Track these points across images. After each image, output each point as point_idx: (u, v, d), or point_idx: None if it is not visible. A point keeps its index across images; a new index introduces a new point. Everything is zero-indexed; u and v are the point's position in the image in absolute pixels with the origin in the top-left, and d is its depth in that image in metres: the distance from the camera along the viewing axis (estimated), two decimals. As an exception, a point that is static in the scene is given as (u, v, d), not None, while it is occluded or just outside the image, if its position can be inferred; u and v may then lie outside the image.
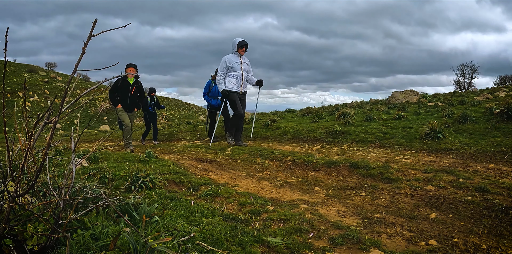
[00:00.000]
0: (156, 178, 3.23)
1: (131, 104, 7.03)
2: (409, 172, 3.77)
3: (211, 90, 7.95)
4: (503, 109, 5.67)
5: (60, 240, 1.56)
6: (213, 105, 8.01)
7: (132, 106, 7.10)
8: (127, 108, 7.02)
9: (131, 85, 6.90)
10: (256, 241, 2.06)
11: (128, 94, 6.92)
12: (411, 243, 2.25)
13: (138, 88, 7.08)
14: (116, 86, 6.93)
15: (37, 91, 37.30)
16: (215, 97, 7.99)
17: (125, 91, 6.90)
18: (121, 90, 6.88)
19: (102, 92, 29.01)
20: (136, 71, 6.98)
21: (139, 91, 7.18)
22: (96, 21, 1.29)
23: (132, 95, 6.96)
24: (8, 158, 1.46)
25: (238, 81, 6.66)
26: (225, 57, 6.64)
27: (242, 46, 6.59)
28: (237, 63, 6.61)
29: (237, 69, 6.61)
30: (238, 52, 6.62)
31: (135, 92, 7.00)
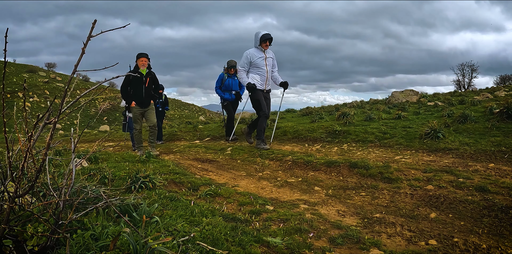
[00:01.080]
0: (156, 178, 3.23)
1: (146, 97, 6.34)
2: (409, 171, 3.77)
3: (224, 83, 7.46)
4: (503, 108, 5.67)
5: (60, 240, 1.56)
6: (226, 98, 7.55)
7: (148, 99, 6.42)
8: (143, 102, 6.32)
9: (144, 76, 6.23)
10: (256, 241, 2.06)
11: (142, 86, 6.24)
12: (411, 243, 2.25)
13: (152, 79, 6.41)
14: (128, 80, 6.26)
15: (37, 92, 37.29)
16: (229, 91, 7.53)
17: (138, 84, 6.23)
18: (134, 84, 6.23)
19: (102, 92, 29.01)
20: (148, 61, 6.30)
21: (154, 82, 6.51)
22: (96, 22, 1.29)
23: (147, 87, 6.27)
24: (8, 159, 1.46)
25: (262, 78, 6.06)
26: (247, 52, 6.04)
27: (266, 40, 5.94)
28: (261, 58, 6.00)
29: (261, 65, 6.02)
30: (262, 47, 5.98)
31: (149, 83, 6.32)
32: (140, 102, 6.31)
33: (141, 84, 6.25)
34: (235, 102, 7.72)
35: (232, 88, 7.51)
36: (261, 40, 5.94)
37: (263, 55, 6.03)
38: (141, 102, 6.32)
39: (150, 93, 6.43)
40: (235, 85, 7.53)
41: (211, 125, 10.77)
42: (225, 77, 7.43)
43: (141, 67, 6.16)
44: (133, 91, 6.27)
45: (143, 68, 6.19)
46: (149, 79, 6.30)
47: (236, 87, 7.55)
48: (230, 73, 7.45)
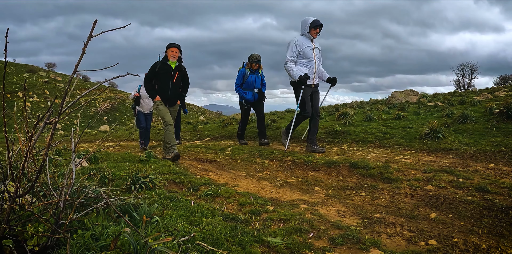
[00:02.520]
0: (156, 178, 3.24)
1: (173, 95, 5.45)
2: (409, 172, 3.77)
3: (245, 80, 6.46)
4: (502, 109, 5.67)
5: (60, 240, 1.56)
6: (248, 100, 6.53)
7: (175, 98, 5.51)
8: (168, 100, 5.43)
9: (173, 70, 5.33)
10: (256, 241, 2.06)
11: (169, 81, 5.33)
12: (411, 243, 2.25)
13: (182, 74, 5.48)
14: (153, 72, 5.33)
15: (37, 92, 37.30)
16: (251, 89, 6.53)
17: (165, 78, 5.33)
18: (160, 77, 5.35)
19: (102, 92, 29.06)
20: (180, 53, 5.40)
21: (183, 78, 5.58)
22: (96, 22, 1.29)
23: (174, 83, 5.36)
24: (8, 159, 1.47)
25: (310, 71, 5.28)
26: (295, 39, 5.24)
27: (316, 26, 5.21)
28: (309, 47, 5.24)
29: (309, 55, 5.25)
30: (310, 34, 5.24)
31: (178, 79, 5.41)
32: (165, 100, 5.41)
33: (168, 79, 5.34)
34: (259, 101, 6.72)
35: (255, 85, 6.59)
36: (311, 26, 5.19)
37: (311, 44, 5.28)
38: (167, 99, 5.41)
39: (177, 91, 5.52)
40: (258, 83, 6.62)
41: (211, 125, 10.77)
42: (247, 73, 6.44)
43: (170, 58, 5.28)
44: (158, 86, 5.37)
45: (173, 60, 5.30)
46: (178, 74, 5.40)
47: (259, 84, 6.64)
48: (253, 69, 6.50)
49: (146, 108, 7.98)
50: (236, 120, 10.75)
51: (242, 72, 6.49)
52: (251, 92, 6.52)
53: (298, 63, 5.30)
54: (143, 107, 7.93)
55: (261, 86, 6.66)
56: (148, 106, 8.02)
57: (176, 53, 5.33)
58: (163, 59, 5.36)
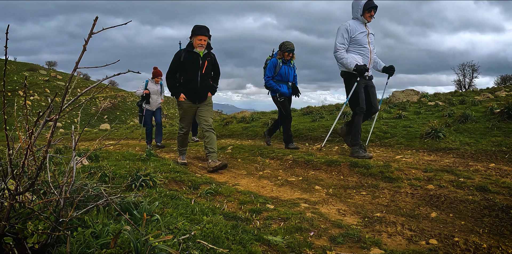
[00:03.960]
0: (157, 177, 3.23)
1: (202, 88, 4.63)
2: (409, 171, 3.76)
3: (278, 72, 5.68)
4: (503, 108, 5.66)
5: (60, 238, 1.56)
6: (283, 93, 5.74)
7: (204, 90, 4.69)
8: (197, 94, 4.61)
9: (201, 58, 4.52)
10: (256, 240, 2.06)
11: (197, 72, 4.54)
12: (412, 242, 2.25)
13: (211, 64, 4.68)
14: (178, 62, 4.54)
15: (38, 90, 37.32)
16: (285, 83, 5.76)
17: (193, 69, 4.53)
18: (186, 68, 4.54)
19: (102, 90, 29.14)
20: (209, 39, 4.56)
21: (214, 67, 4.79)
22: (97, 19, 1.28)
23: (204, 73, 4.58)
24: (8, 156, 1.46)
25: (364, 60, 4.62)
26: (347, 24, 4.55)
27: (371, 8, 4.53)
28: (363, 33, 4.57)
29: (363, 42, 4.58)
30: (364, 18, 4.56)
31: (207, 69, 4.62)
32: (193, 94, 4.62)
33: (196, 69, 4.54)
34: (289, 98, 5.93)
35: (289, 78, 5.77)
36: (365, 8, 4.50)
37: (365, 29, 4.61)
38: (195, 94, 4.62)
39: (207, 83, 4.72)
40: (292, 75, 5.81)
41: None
42: (279, 64, 5.66)
43: (198, 47, 4.47)
44: (184, 78, 4.60)
45: (201, 50, 4.51)
46: (207, 63, 4.59)
47: (292, 77, 5.83)
48: (285, 59, 5.71)
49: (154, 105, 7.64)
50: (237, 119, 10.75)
51: (273, 63, 5.66)
52: (286, 85, 5.75)
53: (350, 51, 4.59)
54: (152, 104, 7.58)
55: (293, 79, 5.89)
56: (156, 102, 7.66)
57: (204, 42, 4.46)
58: (187, 47, 4.54)
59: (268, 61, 5.85)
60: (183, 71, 4.59)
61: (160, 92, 7.82)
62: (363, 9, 4.52)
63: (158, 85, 7.73)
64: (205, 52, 4.56)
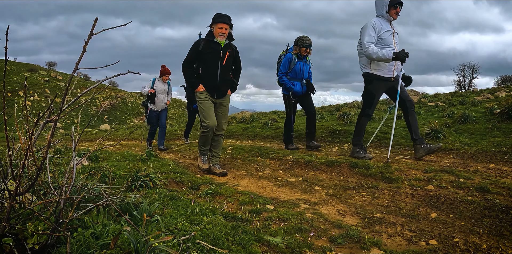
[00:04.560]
0: (157, 177, 3.23)
1: (222, 82, 4.24)
2: (409, 171, 3.76)
3: (292, 68, 5.30)
4: (503, 109, 5.66)
5: (60, 238, 1.56)
6: (296, 92, 5.38)
7: (224, 86, 4.30)
8: (216, 88, 4.24)
9: (222, 48, 4.15)
10: (256, 240, 2.06)
11: (217, 63, 4.15)
12: (412, 243, 2.25)
13: (233, 56, 4.30)
14: (196, 52, 4.16)
15: (38, 90, 37.34)
16: (298, 80, 5.38)
17: (212, 60, 4.14)
18: (205, 58, 4.15)
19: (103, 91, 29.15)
20: (230, 29, 4.17)
21: (235, 60, 4.38)
22: (97, 20, 1.28)
23: (224, 65, 4.18)
24: (8, 157, 1.46)
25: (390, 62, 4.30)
26: (373, 22, 4.27)
27: (397, 4, 4.26)
28: (389, 32, 4.29)
29: (389, 42, 4.27)
30: (390, 15, 4.29)
31: (228, 60, 4.22)
32: (211, 88, 4.23)
33: (216, 61, 4.15)
34: (307, 95, 5.58)
35: (303, 75, 5.42)
36: (390, 4, 4.24)
37: (391, 28, 4.34)
38: (214, 88, 4.24)
39: (228, 77, 4.31)
40: (306, 72, 5.48)
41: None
42: (294, 60, 5.28)
43: (218, 37, 4.09)
44: (203, 70, 4.21)
45: (222, 39, 4.12)
46: (228, 54, 4.20)
47: (307, 74, 5.50)
48: (301, 55, 5.34)
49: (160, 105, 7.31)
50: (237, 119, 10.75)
51: (288, 58, 5.29)
52: (299, 83, 5.39)
53: None
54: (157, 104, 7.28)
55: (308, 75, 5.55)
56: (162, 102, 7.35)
57: (226, 31, 4.10)
58: (207, 36, 4.17)
59: (282, 56, 5.52)
60: (202, 62, 4.19)
61: (167, 92, 7.49)
62: (389, 6, 4.27)
63: (165, 84, 7.38)
64: (226, 42, 4.19)
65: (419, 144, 4.29)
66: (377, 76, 4.38)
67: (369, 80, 4.45)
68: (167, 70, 7.34)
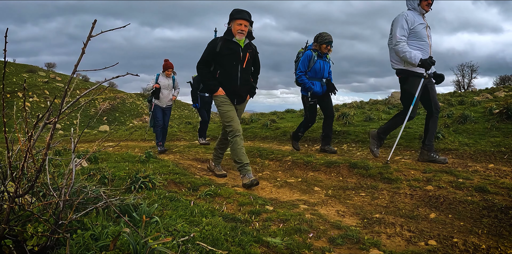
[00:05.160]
0: (156, 179, 3.24)
1: (242, 86, 3.87)
2: (408, 172, 3.77)
3: (312, 67, 4.99)
4: (502, 109, 5.67)
5: (60, 240, 1.56)
6: (316, 92, 5.07)
7: (245, 89, 3.93)
8: (235, 93, 3.86)
9: (242, 49, 3.77)
10: (256, 241, 2.06)
11: (237, 66, 3.78)
12: (411, 243, 2.25)
13: (253, 57, 3.92)
14: (213, 53, 3.75)
15: (37, 92, 37.31)
16: (319, 79, 5.07)
17: (231, 62, 3.75)
18: (223, 60, 3.76)
19: (102, 92, 29.16)
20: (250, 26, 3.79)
21: (255, 62, 4.02)
22: (96, 22, 1.29)
23: (244, 68, 3.82)
24: (8, 159, 1.47)
25: (424, 56, 4.02)
26: (405, 14, 3.99)
27: None
28: (422, 25, 4.01)
29: (423, 35, 4.01)
30: (422, 7, 4.02)
31: (248, 63, 3.86)
32: (231, 94, 3.86)
33: (235, 63, 3.77)
34: (326, 95, 5.25)
35: (324, 74, 5.10)
36: None
37: (424, 21, 4.05)
38: (234, 94, 3.87)
39: (248, 81, 3.95)
40: (327, 71, 5.17)
41: (211, 125, 10.77)
42: (314, 58, 4.96)
43: (237, 35, 3.69)
44: (221, 74, 3.82)
45: (241, 38, 3.73)
46: (248, 56, 3.82)
47: (327, 73, 5.19)
48: (322, 52, 5.05)
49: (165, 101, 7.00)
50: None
51: (308, 56, 4.96)
52: (319, 83, 5.07)
53: (408, 45, 4.00)
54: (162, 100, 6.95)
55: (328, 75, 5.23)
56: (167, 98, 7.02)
57: (245, 28, 3.70)
58: (225, 35, 3.77)
59: (301, 53, 5.19)
60: (219, 64, 3.78)
61: (172, 87, 7.13)
62: None
63: (169, 79, 7.06)
64: (246, 42, 3.80)
65: (427, 151, 4.18)
66: (412, 72, 4.04)
67: (403, 77, 4.10)
68: (169, 64, 6.98)
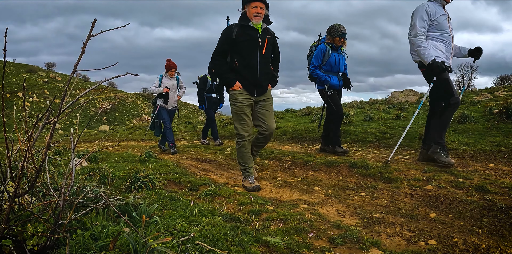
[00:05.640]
0: (156, 178, 3.23)
1: (263, 75, 3.57)
2: (408, 171, 3.77)
3: (326, 61, 4.75)
4: (502, 108, 5.67)
5: (60, 240, 1.56)
6: (333, 85, 4.82)
7: (265, 78, 3.63)
8: (256, 85, 3.57)
9: (260, 35, 3.49)
10: (255, 241, 2.06)
11: (256, 53, 3.50)
12: (411, 243, 2.25)
13: (271, 43, 3.63)
14: (230, 41, 3.48)
15: (37, 91, 37.29)
16: (335, 73, 4.84)
17: (250, 48, 3.48)
18: (240, 48, 3.49)
19: (102, 92, 29.25)
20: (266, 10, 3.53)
21: (274, 48, 3.73)
22: (96, 21, 1.29)
23: (264, 55, 3.54)
24: (7, 159, 1.46)
25: (447, 49, 3.85)
26: (426, 5, 3.82)
27: None
28: (444, 16, 3.84)
29: (445, 27, 3.83)
30: None
31: (268, 49, 3.58)
32: (251, 85, 3.56)
33: (254, 50, 3.50)
34: (339, 91, 5.02)
35: (340, 68, 4.86)
36: None
37: (445, 12, 3.89)
38: (254, 84, 3.56)
39: (268, 69, 3.66)
40: (343, 65, 4.94)
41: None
42: (328, 51, 4.71)
43: (253, 18, 3.42)
44: (239, 62, 3.53)
45: (258, 22, 3.44)
46: (267, 42, 3.54)
47: (343, 67, 4.96)
48: (336, 45, 4.79)
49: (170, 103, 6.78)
50: None
51: (321, 49, 4.71)
52: (336, 77, 4.84)
53: (429, 37, 3.83)
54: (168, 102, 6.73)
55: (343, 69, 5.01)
56: (172, 100, 6.80)
57: (262, 10, 3.42)
58: (241, 20, 3.50)
59: (314, 47, 4.96)
60: (236, 52, 3.51)
61: (177, 87, 6.93)
62: None
63: (173, 79, 6.84)
64: (264, 27, 3.52)
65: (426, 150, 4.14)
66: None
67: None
68: (172, 64, 6.76)
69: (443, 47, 3.83)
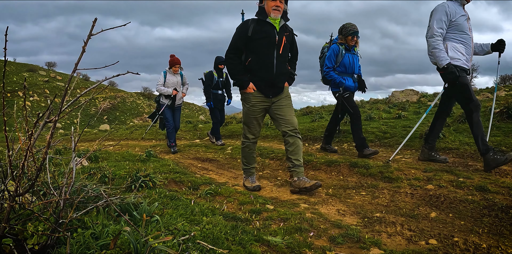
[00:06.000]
0: (156, 177, 3.24)
1: (279, 75, 3.36)
2: (409, 171, 3.77)
3: (341, 62, 4.57)
4: (503, 108, 5.67)
5: (60, 239, 1.56)
6: (348, 86, 4.64)
7: (281, 79, 3.41)
8: (272, 85, 3.37)
9: (277, 32, 3.28)
10: (256, 240, 2.06)
11: (273, 52, 3.29)
12: (411, 242, 2.25)
13: (289, 41, 3.43)
14: (245, 38, 3.28)
15: (37, 91, 37.32)
16: (349, 75, 4.66)
17: (266, 46, 3.28)
18: (256, 46, 3.29)
19: (102, 91, 29.29)
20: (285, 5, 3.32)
21: (292, 47, 3.52)
22: (96, 20, 1.28)
23: (281, 54, 3.34)
24: (8, 158, 1.46)
25: (467, 51, 3.74)
26: (445, 5, 3.68)
27: None
28: (464, 17, 3.72)
29: (465, 28, 3.72)
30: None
31: (285, 48, 3.37)
32: (266, 86, 3.37)
33: (271, 49, 3.29)
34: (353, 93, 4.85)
35: (354, 69, 4.69)
36: None
37: (465, 13, 3.77)
38: (270, 85, 3.36)
39: (285, 68, 3.44)
40: (357, 65, 4.76)
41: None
42: (342, 52, 4.53)
43: (272, 12, 3.21)
44: (254, 62, 3.33)
45: (276, 16, 3.23)
46: (285, 40, 3.33)
47: (357, 68, 4.78)
48: (349, 45, 4.61)
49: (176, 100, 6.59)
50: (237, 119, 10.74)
51: (334, 50, 4.54)
52: (351, 79, 4.67)
53: (449, 39, 3.72)
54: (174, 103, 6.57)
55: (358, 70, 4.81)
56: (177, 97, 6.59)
57: (281, 4, 3.22)
58: (258, 15, 3.29)
59: (326, 49, 4.80)
60: (251, 51, 3.31)
61: (181, 84, 6.68)
62: None
63: (177, 76, 6.56)
64: (282, 24, 3.30)
65: (427, 149, 4.13)
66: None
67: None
68: (176, 60, 6.47)
69: (463, 49, 3.73)
